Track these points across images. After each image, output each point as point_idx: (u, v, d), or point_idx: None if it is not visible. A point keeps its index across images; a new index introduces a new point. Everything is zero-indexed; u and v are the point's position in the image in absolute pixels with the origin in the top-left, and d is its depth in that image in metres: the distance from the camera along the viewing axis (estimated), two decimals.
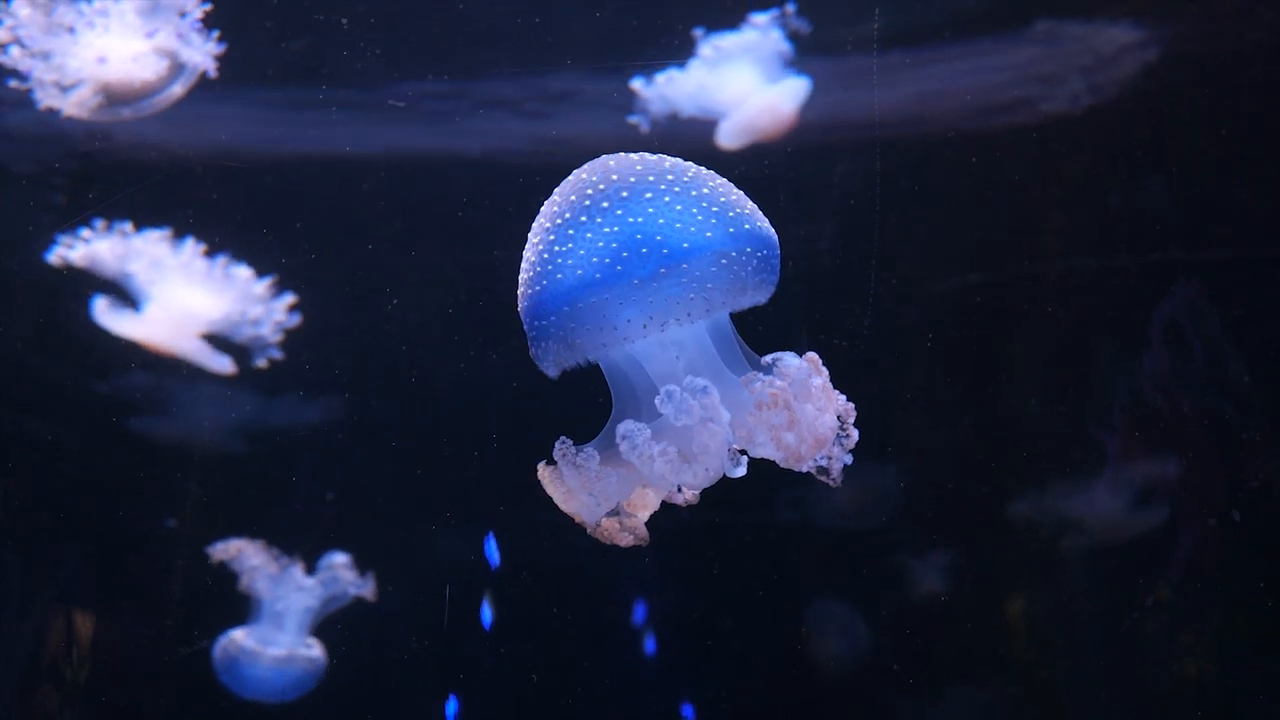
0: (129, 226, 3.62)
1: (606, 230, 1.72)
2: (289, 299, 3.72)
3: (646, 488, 1.82)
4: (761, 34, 3.61)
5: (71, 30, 3.43)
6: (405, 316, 3.67)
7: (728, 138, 3.68)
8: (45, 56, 3.43)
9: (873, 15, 3.48)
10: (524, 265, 1.82)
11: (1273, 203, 3.61)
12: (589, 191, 1.76)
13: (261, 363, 3.72)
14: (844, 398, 1.86)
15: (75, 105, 3.46)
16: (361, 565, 3.68)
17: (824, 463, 1.85)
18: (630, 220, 1.72)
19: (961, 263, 3.70)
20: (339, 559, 3.62)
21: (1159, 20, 3.57)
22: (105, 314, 3.62)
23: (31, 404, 3.71)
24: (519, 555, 3.55)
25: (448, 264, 3.64)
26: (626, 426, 1.71)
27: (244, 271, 3.69)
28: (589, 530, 1.82)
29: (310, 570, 3.63)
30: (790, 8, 3.58)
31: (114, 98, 3.49)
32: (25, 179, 3.65)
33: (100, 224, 3.61)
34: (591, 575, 3.60)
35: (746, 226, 1.77)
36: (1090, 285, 3.71)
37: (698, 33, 3.61)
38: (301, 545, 3.67)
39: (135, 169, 3.62)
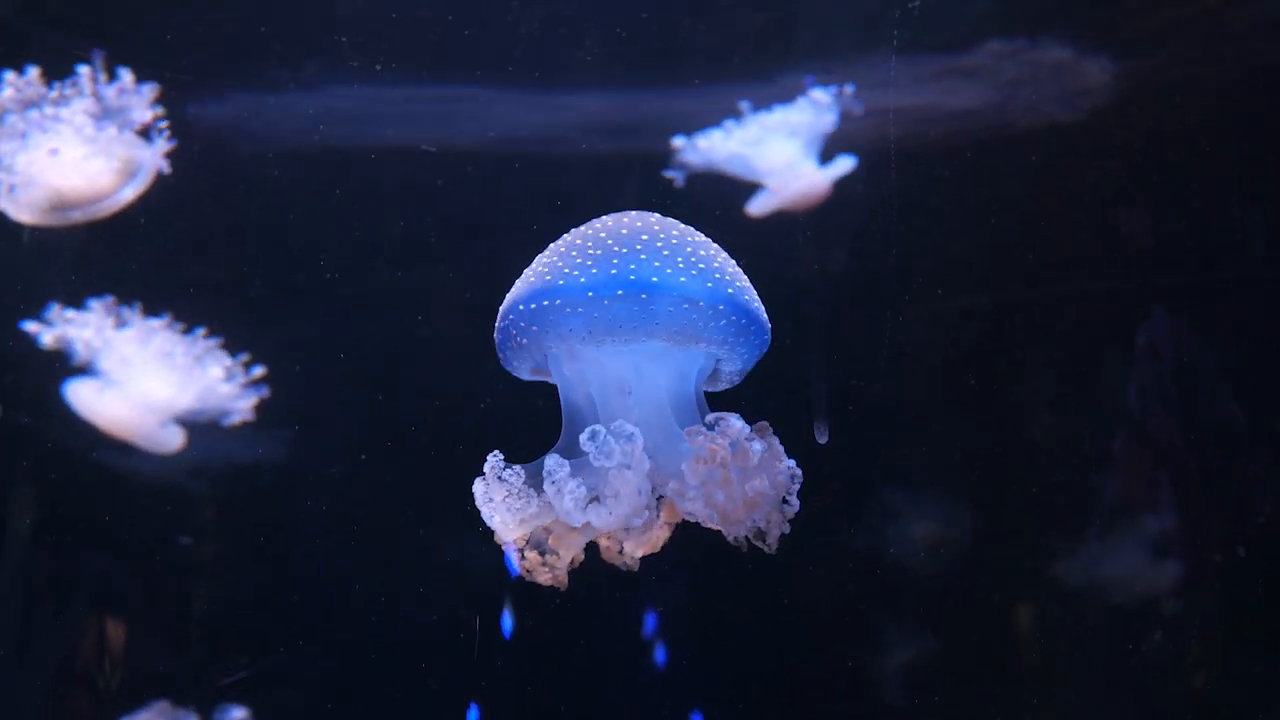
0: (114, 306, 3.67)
1: (591, 250, 1.84)
2: (259, 372, 3.72)
3: (574, 529, 1.84)
4: (816, 111, 3.68)
5: (23, 135, 3.46)
6: (417, 333, 3.73)
7: (760, 207, 3.76)
8: None
9: (887, 32, 3.58)
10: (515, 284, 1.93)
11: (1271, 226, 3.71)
12: (589, 230, 1.90)
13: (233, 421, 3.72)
14: (792, 463, 1.86)
15: (25, 207, 3.47)
16: (382, 576, 3.72)
17: (762, 526, 1.83)
18: (616, 249, 1.83)
19: (973, 285, 3.80)
20: (238, 714, 3.62)
21: (1148, 45, 3.71)
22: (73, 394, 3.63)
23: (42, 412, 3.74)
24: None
25: (447, 278, 3.71)
26: (551, 461, 1.76)
27: (216, 370, 3.70)
28: (512, 557, 1.87)
29: None
30: (849, 89, 3.66)
31: (65, 201, 3.50)
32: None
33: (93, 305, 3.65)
34: (605, 585, 3.61)
35: (729, 290, 1.85)
36: (1100, 308, 3.79)
37: (746, 104, 3.70)
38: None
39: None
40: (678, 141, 3.67)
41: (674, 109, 3.72)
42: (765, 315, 1.93)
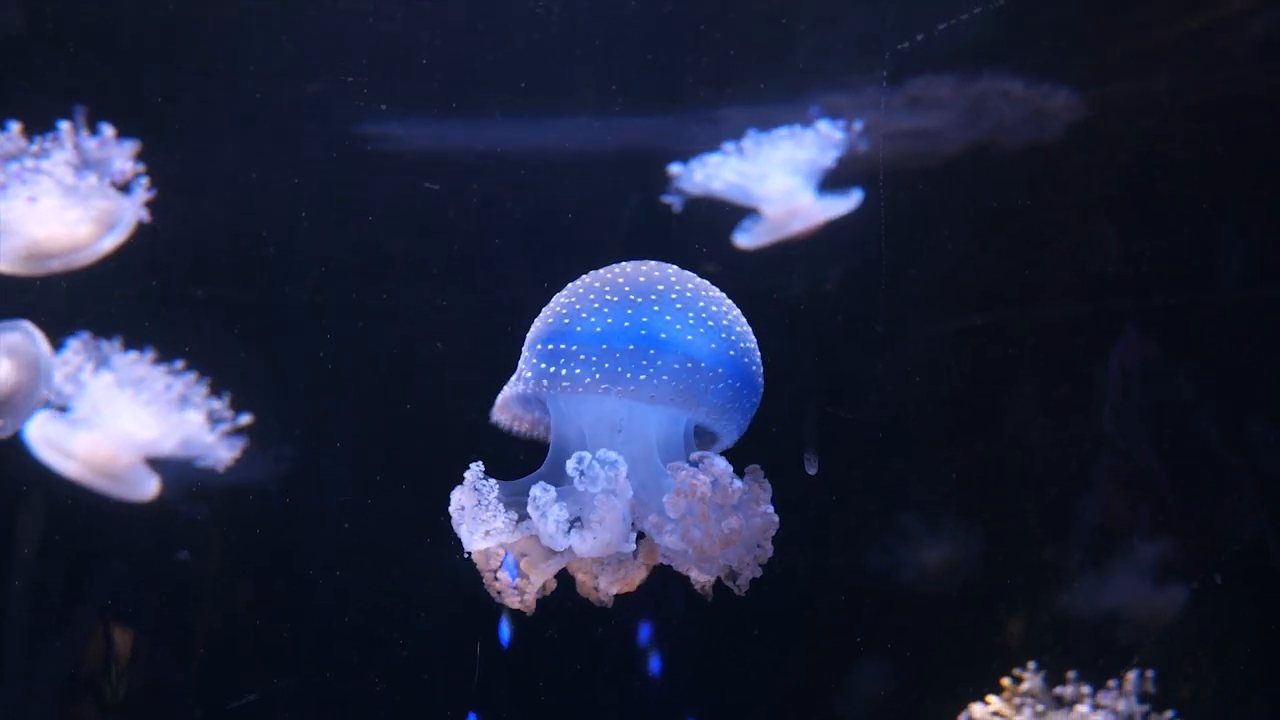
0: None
1: (608, 299, 1.89)
2: (246, 420, 3.75)
3: (546, 558, 1.87)
4: (821, 143, 3.73)
5: (3, 187, 3.48)
6: (417, 352, 3.79)
7: (752, 236, 3.80)
8: None
9: (879, 53, 3.63)
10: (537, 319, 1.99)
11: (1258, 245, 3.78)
12: (608, 275, 1.95)
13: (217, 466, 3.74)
14: (771, 509, 1.91)
15: (2, 256, 3.47)
16: (381, 589, 3.75)
17: (734, 566, 1.86)
18: (632, 298, 1.88)
19: (966, 305, 3.86)
20: None
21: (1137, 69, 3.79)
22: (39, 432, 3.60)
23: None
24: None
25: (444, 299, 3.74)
26: (537, 485, 1.79)
27: (196, 415, 3.70)
28: (485, 576, 1.87)
29: None
30: (858, 125, 3.71)
31: (43, 251, 3.51)
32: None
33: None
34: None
35: (731, 352, 1.90)
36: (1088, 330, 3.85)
37: (751, 131, 3.75)
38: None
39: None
40: (675, 168, 3.73)
41: (672, 134, 3.77)
42: (760, 378, 1.99)
